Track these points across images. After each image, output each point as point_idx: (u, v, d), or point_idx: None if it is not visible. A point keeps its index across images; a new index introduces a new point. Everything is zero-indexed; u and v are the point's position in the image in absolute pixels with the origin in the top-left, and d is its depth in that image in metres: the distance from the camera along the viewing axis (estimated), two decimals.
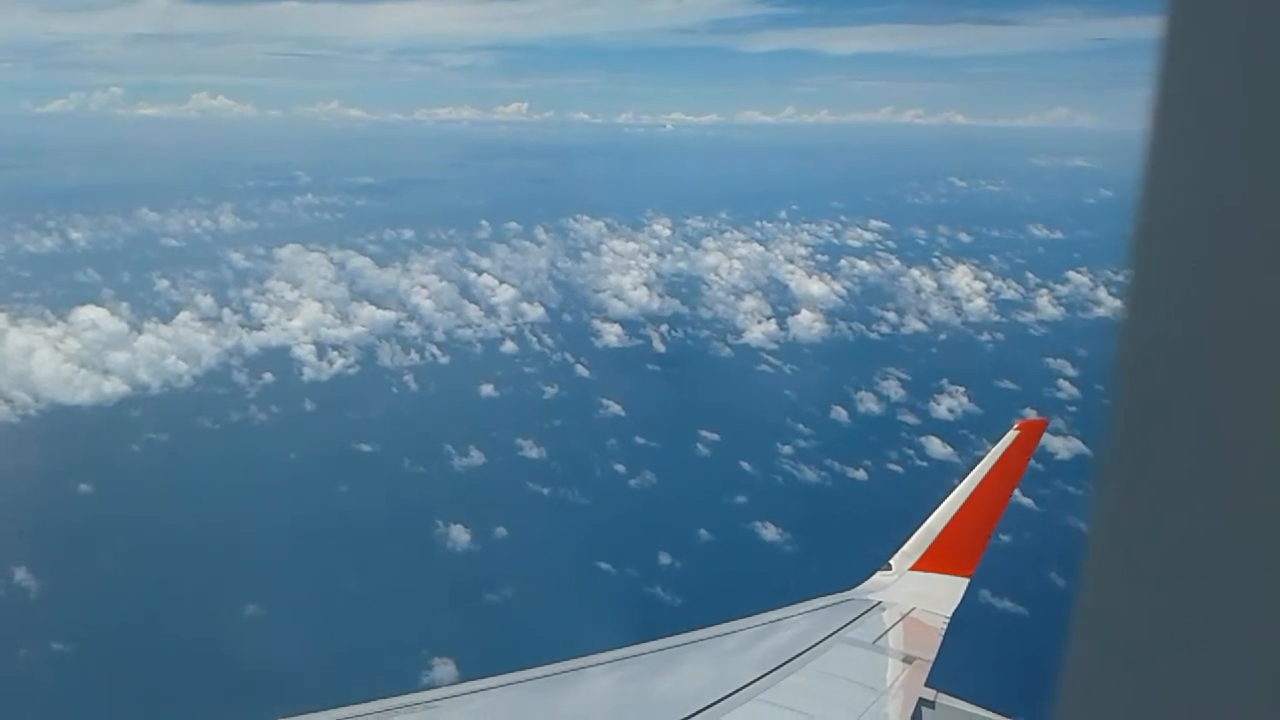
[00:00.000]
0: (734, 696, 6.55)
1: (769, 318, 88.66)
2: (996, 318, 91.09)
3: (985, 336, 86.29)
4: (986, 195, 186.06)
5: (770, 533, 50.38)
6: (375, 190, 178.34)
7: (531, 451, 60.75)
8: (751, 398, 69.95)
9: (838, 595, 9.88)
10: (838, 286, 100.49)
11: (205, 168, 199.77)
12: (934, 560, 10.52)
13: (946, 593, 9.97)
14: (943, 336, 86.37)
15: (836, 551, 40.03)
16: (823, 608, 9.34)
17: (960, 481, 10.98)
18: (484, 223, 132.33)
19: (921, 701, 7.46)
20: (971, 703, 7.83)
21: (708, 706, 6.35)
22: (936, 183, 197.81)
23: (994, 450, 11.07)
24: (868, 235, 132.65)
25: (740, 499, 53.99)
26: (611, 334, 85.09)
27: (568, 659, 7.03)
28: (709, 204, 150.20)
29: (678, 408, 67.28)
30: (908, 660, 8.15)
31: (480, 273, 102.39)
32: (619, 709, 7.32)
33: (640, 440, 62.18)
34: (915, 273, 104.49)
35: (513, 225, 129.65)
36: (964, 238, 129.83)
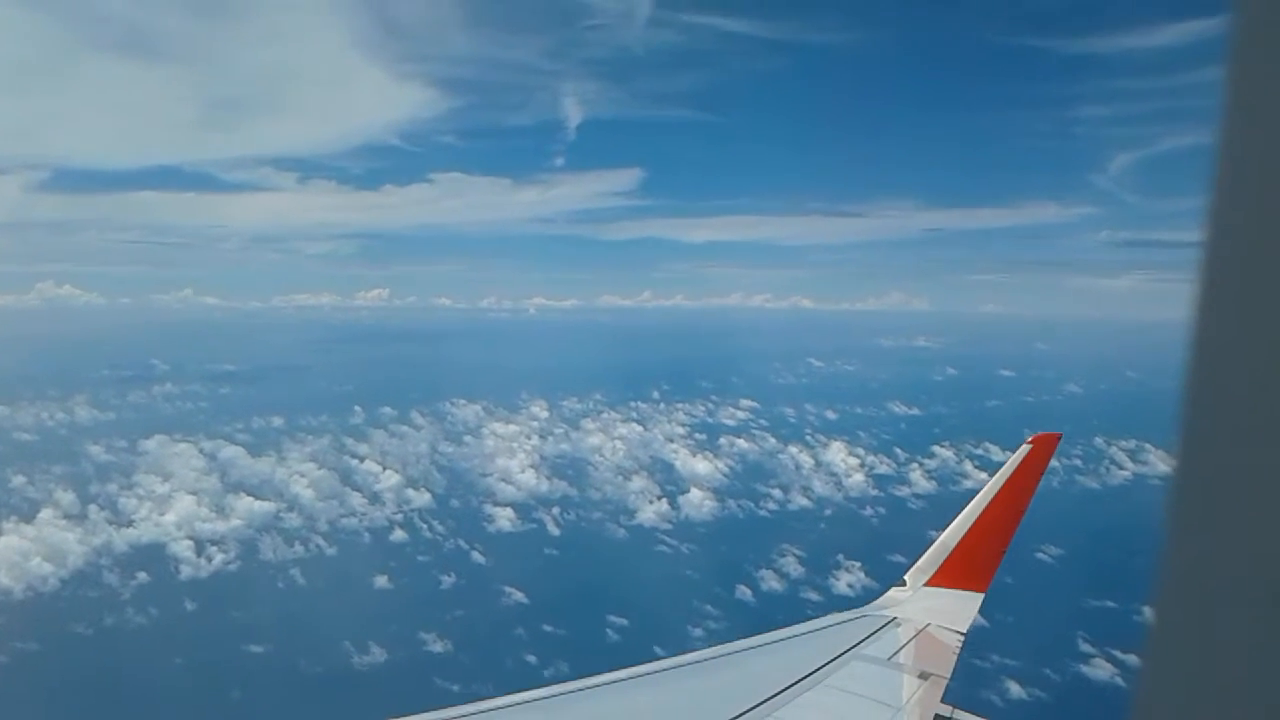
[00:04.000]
0: (749, 714, 6.45)
1: (659, 497, 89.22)
2: (875, 492, 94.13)
3: (868, 510, 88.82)
4: (844, 374, 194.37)
5: None
6: (238, 377, 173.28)
7: (436, 645, 58.47)
8: (654, 580, 69.35)
9: (852, 611, 9.83)
10: (721, 464, 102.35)
11: (54, 358, 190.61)
12: (948, 576, 10.50)
13: (961, 609, 9.97)
14: (828, 512, 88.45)
15: None
16: (838, 624, 9.27)
17: (974, 498, 11.17)
18: (357, 408, 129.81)
19: (937, 718, 7.41)
20: (987, 719, 7.67)
21: None
22: (796, 363, 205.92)
23: (1006, 466, 11.02)
24: (740, 414, 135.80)
25: None
26: (504, 518, 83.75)
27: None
28: (582, 385, 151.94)
29: (582, 593, 66.16)
30: (923, 676, 8.10)
31: (361, 459, 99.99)
32: None
33: (548, 628, 60.65)
34: (792, 450, 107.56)
35: (387, 410, 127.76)
36: (831, 415, 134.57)
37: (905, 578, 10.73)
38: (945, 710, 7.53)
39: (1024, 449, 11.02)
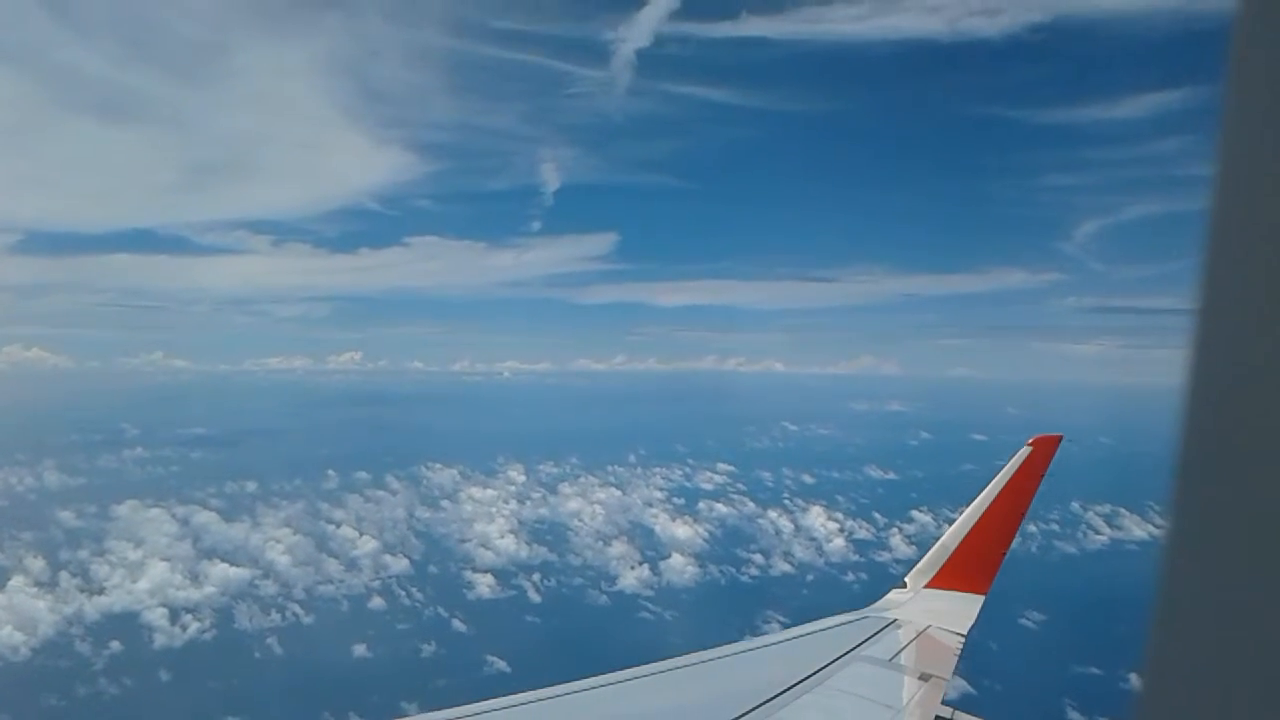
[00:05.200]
0: (750, 714, 6.42)
1: (640, 563, 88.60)
2: (856, 557, 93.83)
3: (850, 576, 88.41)
4: (819, 438, 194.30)
5: None
6: (210, 442, 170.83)
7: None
8: (639, 648, 68.34)
9: (853, 613, 9.85)
10: (701, 529, 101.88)
11: (22, 422, 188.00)
12: (948, 578, 10.57)
13: (961, 610, 10.03)
14: (810, 577, 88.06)
15: None
16: (839, 625, 9.31)
17: (974, 499, 11.15)
18: (331, 472, 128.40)
19: (938, 719, 7.40)
20: None
21: None
22: (771, 427, 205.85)
23: (1007, 467, 10.93)
24: (718, 478, 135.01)
25: None
26: (484, 585, 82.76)
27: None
28: (558, 449, 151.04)
29: (566, 662, 65.16)
30: (924, 678, 8.08)
31: (336, 525, 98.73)
32: None
33: None
34: (772, 514, 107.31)
35: (361, 474, 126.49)
36: (808, 479, 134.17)
37: (906, 580, 10.81)
38: (945, 712, 7.57)
39: (1024, 451, 10.98)
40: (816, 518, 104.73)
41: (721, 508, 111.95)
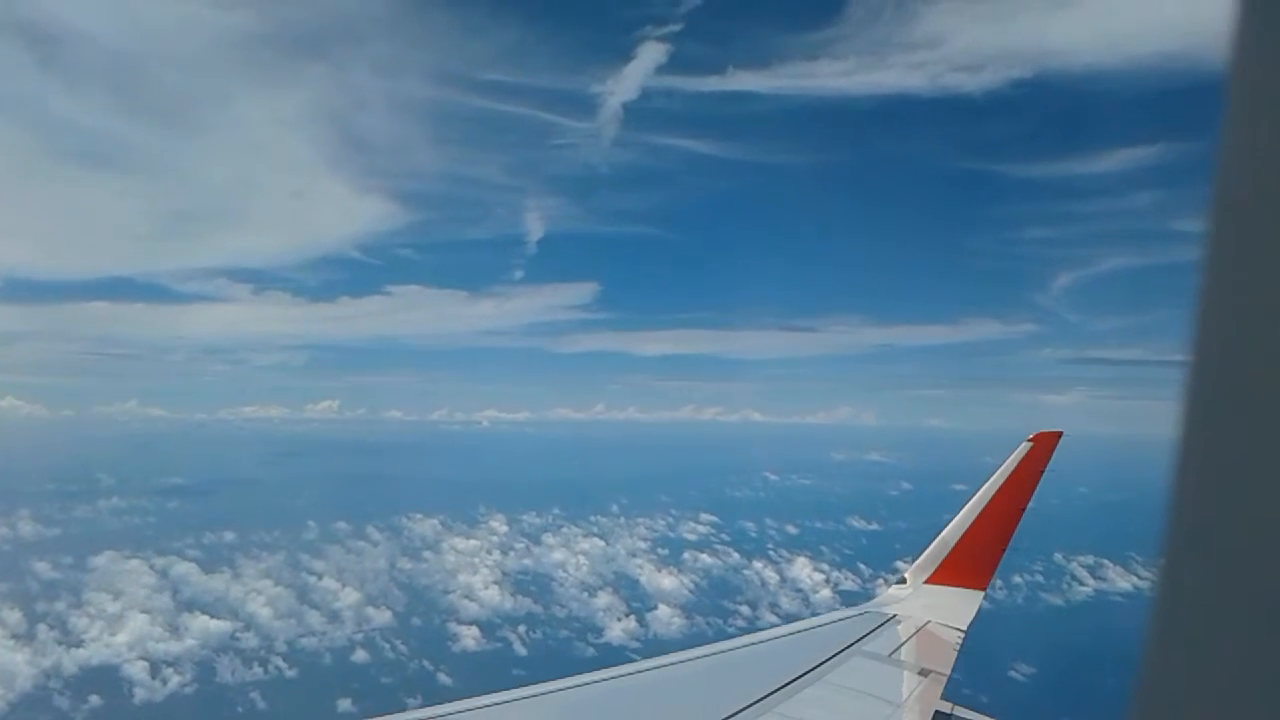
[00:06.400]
0: (750, 709, 6.50)
1: (627, 614, 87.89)
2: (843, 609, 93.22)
3: None
4: (800, 489, 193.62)
5: None
6: (187, 491, 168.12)
7: None
8: None
9: (854, 609, 10.02)
10: (686, 580, 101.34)
11: None
12: (948, 574, 10.89)
13: (961, 606, 10.30)
14: None
15: None
16: (839, 620, 9.54)
17: (973, 496, 11.19)
18: (310, 523, 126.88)
19: (937, 714, 7.46)
20: (988, 715, 7.84)
21: (725, 719, 6.34)
22: (752, 477, 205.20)
23: (1006, 464, 11.26)
24: (701, 528, 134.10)
25: None
26: (469, 637, 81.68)
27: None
28: (540, 499, 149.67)
29: None
30: (924, 673, 8.21)
31: (318, 576, 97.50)
32: None
33: None
34: (757, 565, 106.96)
35: (341, 525, 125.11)
36: (791, 530, 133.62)
37: (905, 575, 10.95)
38: (945, 707, 7.69)
39: (1024, 447, 11.41)
40: (802, 569, 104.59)
41: (706, 558, 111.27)
